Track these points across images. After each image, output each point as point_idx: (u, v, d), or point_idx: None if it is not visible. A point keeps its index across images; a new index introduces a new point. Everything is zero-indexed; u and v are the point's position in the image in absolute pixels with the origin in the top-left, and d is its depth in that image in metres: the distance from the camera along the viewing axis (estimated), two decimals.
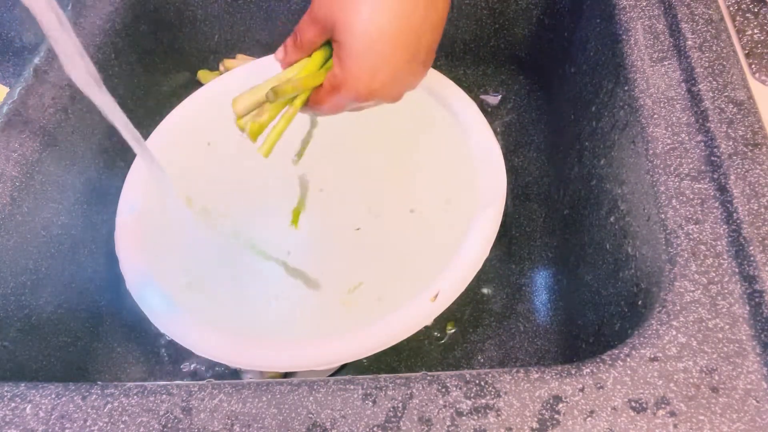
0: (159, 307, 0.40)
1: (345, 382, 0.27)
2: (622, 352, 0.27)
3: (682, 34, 0.38)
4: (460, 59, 0.60)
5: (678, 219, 0.31)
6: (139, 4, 0.52)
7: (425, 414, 0.26)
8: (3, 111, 0.41)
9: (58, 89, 0.42)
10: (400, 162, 0.48)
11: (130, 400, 0.27)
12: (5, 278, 0.37)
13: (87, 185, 0.45)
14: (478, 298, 0.49)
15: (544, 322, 0.48)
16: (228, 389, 0.27)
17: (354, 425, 0.26)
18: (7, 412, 0.28)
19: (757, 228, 0.30)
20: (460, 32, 0.57)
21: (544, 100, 0.59)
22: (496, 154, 0.44)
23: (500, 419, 0.26)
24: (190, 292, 0.41)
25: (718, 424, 0.25)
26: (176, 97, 0.57)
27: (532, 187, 0.55)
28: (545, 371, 0.27)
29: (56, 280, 0.42)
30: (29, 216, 0.39)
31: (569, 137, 0.51)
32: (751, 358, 0.27)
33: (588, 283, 0.43)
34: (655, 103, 0.35)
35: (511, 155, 0.57)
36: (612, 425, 0.25)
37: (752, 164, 0.32)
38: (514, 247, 0.52)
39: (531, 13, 0.54)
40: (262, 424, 0.26)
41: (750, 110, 0.34)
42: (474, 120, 0.47)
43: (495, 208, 0.41)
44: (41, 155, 0.40)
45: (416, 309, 0.37)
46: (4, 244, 0.37)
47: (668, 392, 0.26)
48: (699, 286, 0.29)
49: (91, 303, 0.46)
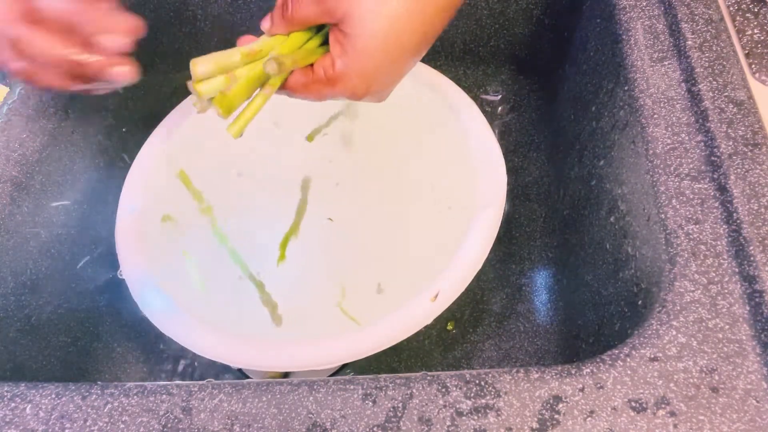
0: (159, 307, 0.40)
1: (345, 382, 0.27)
2: (622, 352, 0.27)
3: (682, 34, 0.38)
4: (460, 59, 0.60)
5: (678, 219, 0.31)
6: (139, 4, 0.52)
7: (425, 414, 0.26)
8: (3, 111, 0.41)
9: None
10: (400, 162, 0.48)
11: (130, 400, 0.27)
12: (5, 278, 0.37)
13: (87, 185, 0.45)
14: (478, 298, 0.49)
15: (544, 322, 0.48)
16: (228, 389, 0.27)
17: (354, 425, 0.26)
18: (7, 412, 0.28)
19: (757, 228, 0.30)
20: (460, 32, 0.57)
21: (544, 100, 0.59)
22: (496, 154, 0.44)
23: (500, 419, 0.26)
24: (190, 292, 0.41)
25: (718, 424, 0.25)
26: (176, 97, 0.57)
27: (532, 187, 0.55)
28: (545, 371, 0.27)
29: (56, 280, 0.42)
30: (29, 216, 0.39)
31: (569, 137, 0.51)
32: (751, 358, 0.27)
33: (588, 283, 0.43)
34: (655, 103, 0.35)
35: (511, 155, 0.57)
36: (612, 425, 0.25)
37: (752, 164, 0.32)
38: (514, 247, 0.52)
39: (531, 13, 0.54)
40: (262, 424, 0.26)
41: (750, 110, 0.34)
42: (474, 120, 0.47)
43: (495, 208, 0.41)
44: (41, 155, 0.40)
45: (416, 309, 0.37)
46: (4, 244, 0.37)
47: (668, 392, 0.26)
48: (699, 286, 0.29)
49: (91, 303, 0.46)
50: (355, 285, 0.44)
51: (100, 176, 0.47)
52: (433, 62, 0.59)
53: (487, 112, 0.60)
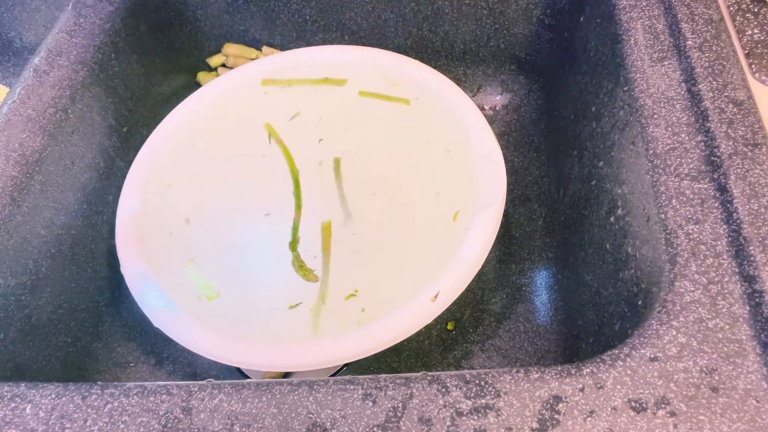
0: (159, 307, 0.40)
1: (345, 382, 0.27)
2: (622, 352, 0.27)
3: (682, 34, 0.38)
4: (460, 59, 0.60)
5: (678, 219, 0.31)
6: (139, 4, 0.52)
7: (425, 414, 0.26)
8: (3, 111, 0.41)
9: (58, 89, 0.42)
10: (400, 162, 0.48)
11: (130, 400, 0.27)
12: (5, 278, 0.37)
13: (87, 185, 0.45)
14: (478, 298, 0.49)
15: (544, 322, 0.48)
16: (228, 389, 0.27)
17: (354, 425, 0.26)
18: (7, 412, 0.28)
19: (757, 228, 0.30)
20: (460, 32, 0.57)
21: (544, 100, 0.59)
22: (496, 154, 0.44)
23: (500, 419, 0.26)
24: (190, 292, 0.41)
25: (718, 424, 0.25)
26: (176, 97, 0.57)
27: (532, 187, 0.55)
28: (545, 371, 0.27)
29: (56, 280, 0.42)
30: (29, 216, 0.39)
31: (569, 137, 0.51)
32: (751, 358, 0.27)
33: (588, 283, 0.43)
34: (655, 103, 0.35)
35: (511, 155, 0.57)
36: (612, 425, 0.25)
37: (752, 164, 0.32)
38: (514, 247, 0.52)
39: (531, 13, 0.54)
40: (262, 424, 0.26)
41: (750, 110, 0.34)
42: (474, 120, 0.47)
43: (495, 208, 0.41)
44: (41, 155, 0.40)
45: (416, 309, 0.37)
46: (4, 244, 0.37)
47: (668, 392, 0.26)
48: (699, 286, 0.29)
49: (91, 303, 0.46)
50: (354, 284, 0.44)
51: (100, 176, 0.47)
52: (433, 62, 0.60)
53: (487, 112, 0.60)
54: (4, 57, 0.65)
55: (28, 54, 0.64)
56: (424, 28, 0.57)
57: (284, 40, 0.60)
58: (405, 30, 0.58)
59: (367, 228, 0.45)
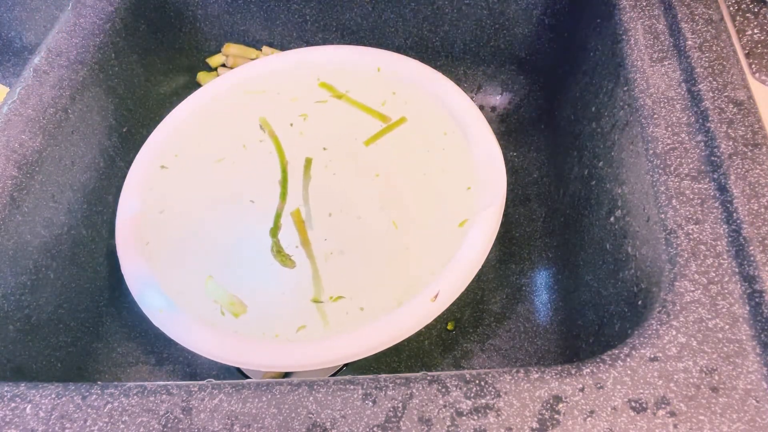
0: (159, 307, 0.40)
1: (345, 382, 0.27)
2: (622, 352, 0.27)
3: (682, 34, 0.38)
4: (460, 59, 0.60)
5: (678, 219, 0.31)
6: (139, 4, 0.52)
7: (425, 414, 0.26)
8: (3, 111, 0.41)
9: (58, 89, 0.42)
10: (400, 162, 0.48)
11: (130, 400, 0.27)
12: (5, 278, 0.37)
13: (87, 185, 0.45)
14: (478, 298, 0.49)
15: (544, 322, 0.48)
16: (228, 389, 0.27)
17: (354, 425, 0.26)
18: (7, 412, 0.28)
19: (757, 228, 0.30)
20: (460, 32, 0.57)
21: (544, 100, 0.59)
22: (496, 154, 0.44)
23: (500, 419, 0.26)
24: (190, 292, 0.41)
25: (718, 424, 0.25)
26: (176, 97, 0.57)
27: (532, 187, 0.55)
28: (545, 371, 0.27)
29: (56, 279, 0.42)
30: (29, 216, 0.39)
31: (569, 137, 0.51)
32: (751, 358, 0.27)
33: (588, 283, 0.43)
34: (655, 103, 0.35)
35: (511, 155, 0.57)
36: (612, 425, 0.25)
37: (752, 164, 0.32)
38: (514, 247, 0.52)
39: (531, 13, 0.54)
40: (262, 424, 0.26)
41: (750, 110, 0.34)
42: (474, 120, 0.47)
43: (495, 208, 0.41)
44: (41, 155, 0.40)
45: (416, 309, 0.37)
46: (4, 244, 0.37)
47: (668, 392, 0.26)
48: (699, 286, 0.29)
49: (91, 303, 0.46)
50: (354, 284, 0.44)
51: (100, 176, 0.47)
52: (433, 62, 0.60)
53: (487, 112, 0.60)
54: (4, 57, 0.65)
55: (28, 54, 0.64)
56: (424, 28, 0.57)
57: (284, 40, 0.60)
58: (405, 30, 0.58)
59: (365, 228, 0.45)
